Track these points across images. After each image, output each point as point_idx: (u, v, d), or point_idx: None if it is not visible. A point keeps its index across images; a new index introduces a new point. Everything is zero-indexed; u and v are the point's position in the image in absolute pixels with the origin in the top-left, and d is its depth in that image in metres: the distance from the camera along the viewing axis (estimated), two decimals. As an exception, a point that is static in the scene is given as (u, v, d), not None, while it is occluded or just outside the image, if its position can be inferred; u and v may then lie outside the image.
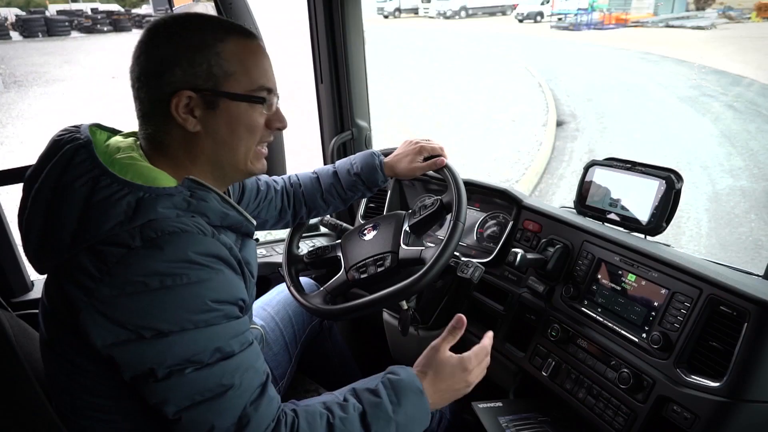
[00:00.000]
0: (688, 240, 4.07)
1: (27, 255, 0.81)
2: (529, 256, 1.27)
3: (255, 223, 0.95)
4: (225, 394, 0.74)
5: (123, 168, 0.79)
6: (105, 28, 23.99)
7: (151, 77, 0.81)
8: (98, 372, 0.78)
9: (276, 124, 0.93)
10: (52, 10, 26.43)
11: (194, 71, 0.81)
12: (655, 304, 1.08)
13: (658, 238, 1.25)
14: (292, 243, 1.47)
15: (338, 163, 1.40)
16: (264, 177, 1.36)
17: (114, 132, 0.93)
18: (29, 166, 0.82)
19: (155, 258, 0.71)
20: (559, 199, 4.94)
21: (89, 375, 0.79)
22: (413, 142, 1.36)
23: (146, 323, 0.71)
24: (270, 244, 2.03)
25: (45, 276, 0.81)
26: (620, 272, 1.17)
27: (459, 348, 0.98)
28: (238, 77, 0.84)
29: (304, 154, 2.75)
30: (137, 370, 0.72)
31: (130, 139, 0.88)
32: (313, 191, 1.38)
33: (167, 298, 0.71)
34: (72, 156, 0.77)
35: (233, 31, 0.85)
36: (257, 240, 1.08)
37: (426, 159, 1.34)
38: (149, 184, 0.78)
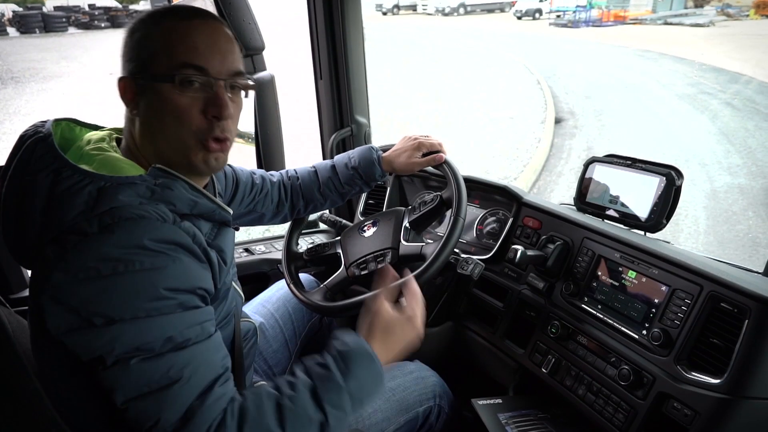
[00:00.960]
0: (686, 237, 4.07)
1: (9, 250, 0.82)
2: (529, 252, 1.27)
3: (231, 211, 0.93)
4: (172, 387, 0.71)
5: (90, 159, 0.80)
6: (102, 25, 23.88)
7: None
8: (76, 363, 0.76)
9: (213, 111, 0.83)
10: (49, 6, 26.28)
11: (129, 57, 0.82)
12: (656, 300, 1.08)
13: (657, 235, 1.25)
14: (291, 240, 1.47)
15: (336, 157, 1.40)
16: (260, 171, 1.36)
17: (96, 128, 0.93)
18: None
19: (107, 243, 0.71)
20: (558, 197, 4.94)
21: (69, 367, 0.78)
22: (412, 138, 1.36)
23: (97, 310, 0.69)
24: (269, 240, 2.02)
25: None
26: (620, 269, 1.17)
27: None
28: (161, 56, 0.80)
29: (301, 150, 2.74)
30: (88, 356, 0.71)
31: (104, 132, 0.88)
32: (311, 185, 1.38)
33: (119, 284, 0.70)
34: (33, 149, 0.78)
35: (172, 14, 0.83)
36: (237, 229, 1.06)
37: (425, 155, 1.34)
38: (114, 173, 0.78)
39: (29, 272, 1.66)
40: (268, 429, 0.76)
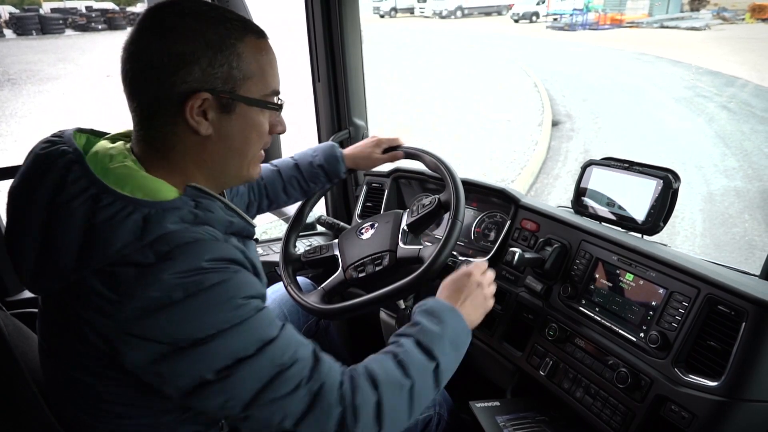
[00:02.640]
0: (682, 240, 4.08)
1: (22, 279, 0.75)
2: (527, 255, 1.27)
3: (255, 225, 0.93)
4: (283, 372, 0.73)
5: (119, 180, 0.74)
6: (99, 27, 23.89)
7: (162, 73, 0.74)
8: (110, 382, 0.75)
9: (278, 128, 0.90)
10: (46, 8, 26.28)
11: (214, 72, 0.76)
12: (653, 303, 1.09)
13: (654, 237, 1.25)
14: (288, 242, 1.47)
15: (298, 155, 1.43)
16: None
17: (95, 134, 0.86)
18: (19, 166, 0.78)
19: (169, 270, 0.68)
20: (555, 199, 4.94)
21: (103, 384, 0.76)
22: (373, 137, 1.46)
23: (181, 335, 0.68)
24: (266, 243, 2.02)
25: None
26: (618, 272, 1.17)
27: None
28: (256, 81, 0.81)
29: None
30: (188, 381, 0.70)
31: (120, 144, 0.81)
32: (275, 183, 1.39)
33: (195, 305, 0.69)
34: (65, 173, 0.72)
35: (249, 30, 0.80)
36: (257, 240, 1.07)
37: (386, 151, 1.42)
38: (150, 197, 0.74)
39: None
40: (398, 381, 0.84)
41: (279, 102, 0.86)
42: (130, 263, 0.68)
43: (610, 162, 1.32)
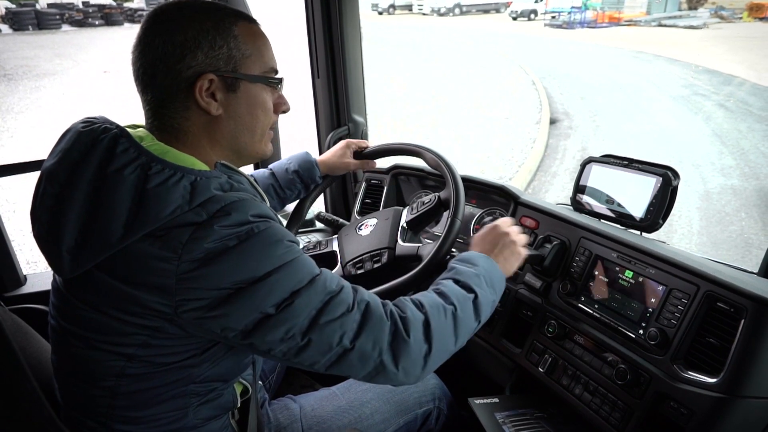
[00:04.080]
0: (680, 238, 4.10)
1: (56, 257, 0.75)
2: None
3: (268, 204, 0.96)
4: (334, 298, 0.80)
5: (160, 155, 0.78)
6: (96, 22, 23.80)
7: (169, 62, 0.80)
8: (150, 352, 0.78)
9: (282, 107, 0.96)
10: (42, 2, 26.11)
11: (215, 54, 0.82)
12: (652, 300, 1.09)
13: (653, 235, 1.26)
14: (288, 238, 1.47)
15: (273, 164, 1.46)
16: None
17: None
18: (20, 163, 0.80)
19: (223, 223, 0.73)
20: (553, 197, 4.95)
21: (138, 356, 0.77)
22: (343, 142, 1.52)
23: (240, 276, 0.73)
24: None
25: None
26: (617, 269, 1.17)
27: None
28: (254, 59, 0.87)
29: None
30: (251, 318, 0.75)
31: (143, 129, 0.86)
32: None
33: (249, 249, 0.74)
34: (113, 145, 0.75)
35: (240, 16, 0.87)
36: None
37: (357, 155, 1.50)
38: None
39: (24, 270, 1.65)
40: (441, 305, 0.93)
41: (279, 78, 0.92)
42: (185, 224, 0.72)
43: (609, 159, 1.32)
